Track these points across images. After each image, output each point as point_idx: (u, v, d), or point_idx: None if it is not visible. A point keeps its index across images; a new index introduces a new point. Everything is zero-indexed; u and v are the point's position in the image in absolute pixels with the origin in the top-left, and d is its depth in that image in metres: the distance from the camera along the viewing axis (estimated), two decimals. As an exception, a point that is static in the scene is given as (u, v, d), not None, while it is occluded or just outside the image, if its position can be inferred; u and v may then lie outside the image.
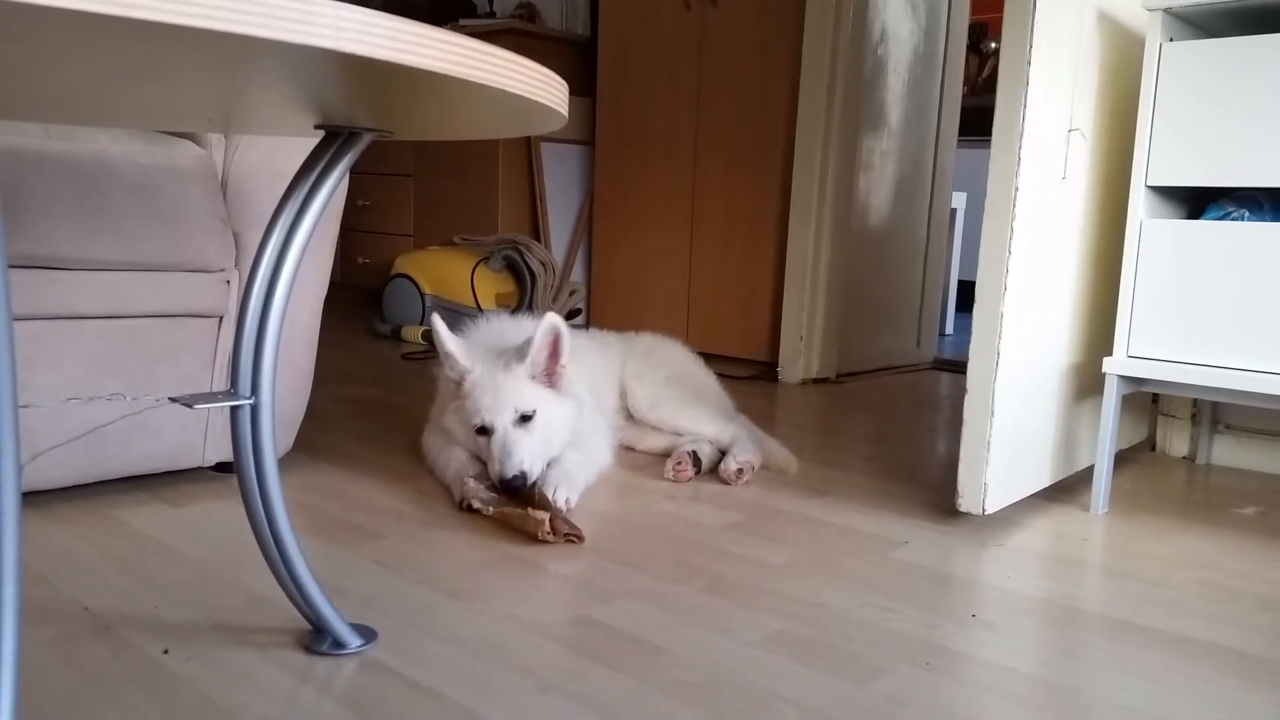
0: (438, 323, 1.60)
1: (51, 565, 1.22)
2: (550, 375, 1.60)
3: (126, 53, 0.62)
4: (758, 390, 2.73)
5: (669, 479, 1.73)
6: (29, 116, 1.16)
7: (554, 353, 1.60)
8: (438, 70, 0.66)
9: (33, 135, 1.31)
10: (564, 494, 1.50)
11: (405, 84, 0.72)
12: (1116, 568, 1.40)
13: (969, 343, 1.50)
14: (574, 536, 1.39)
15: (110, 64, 0.67)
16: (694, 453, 1.76)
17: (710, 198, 3.16)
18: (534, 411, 1.56)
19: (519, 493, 1.48)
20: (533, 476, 1.51)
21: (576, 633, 1.09)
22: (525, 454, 1.51)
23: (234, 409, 0.97)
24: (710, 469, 1.79)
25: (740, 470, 1.73)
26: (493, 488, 1.52)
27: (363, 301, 4.01)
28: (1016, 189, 1.45)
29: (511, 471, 1.49)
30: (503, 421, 1.54)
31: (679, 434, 1.86)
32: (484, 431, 1.56)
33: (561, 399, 1.61)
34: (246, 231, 1.51)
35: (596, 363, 1.87)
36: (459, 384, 1.60)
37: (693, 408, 1.87)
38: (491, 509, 1.46)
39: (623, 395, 1.92)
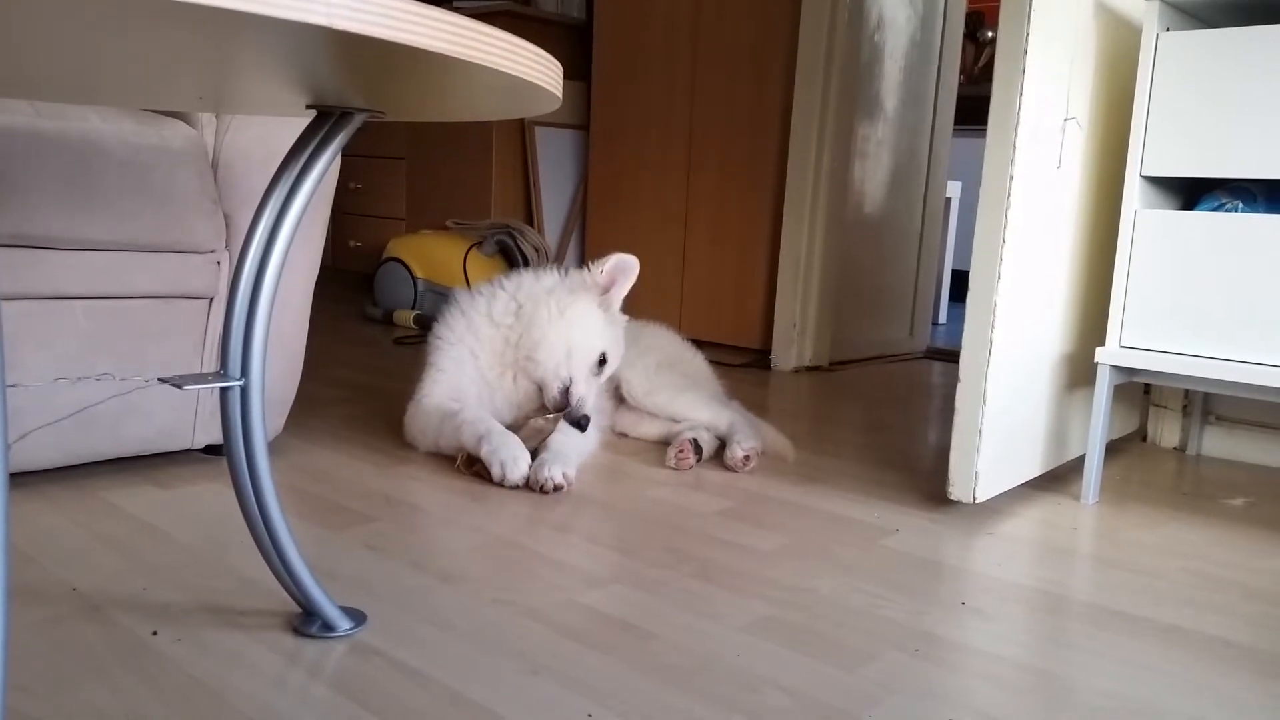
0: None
1: (40, 546, 1.21)
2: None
3: (116, 28, 0.61)
4: (751, 378, 2.73)
5: (671, 468, 1.73)
6: (17, 93, 1.15)
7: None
8: (431, 49, 0.65)
9: (21, 113, 1.30)
10: (559, 470, 1.53)
11: (398, 63, 0.71)
12: (1106, 557, 1.40)
13: (962, 332, 1.51)
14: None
15: (99, 40, 0.66)
16: (694, 440, 1.76)
17: (705, 184, 3.16)
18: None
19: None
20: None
21: (567, 617, 1.10)
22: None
23: (224, 391, 0.97)
24: (710, 456, 1.79)
25: (747, 457, 1.73)
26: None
27: (354, 285, 4.00)
28: (1011, 178, 1.44)
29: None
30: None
31: (675, 420, 1.86)
32: (601, 361, 1.72)
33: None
34: (237, 212, 1.50)
35: None
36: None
37: (688, 393, 1.87)
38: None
39: (613, 382, 1.91)
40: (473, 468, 1.59)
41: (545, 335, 1.68)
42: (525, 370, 1.72)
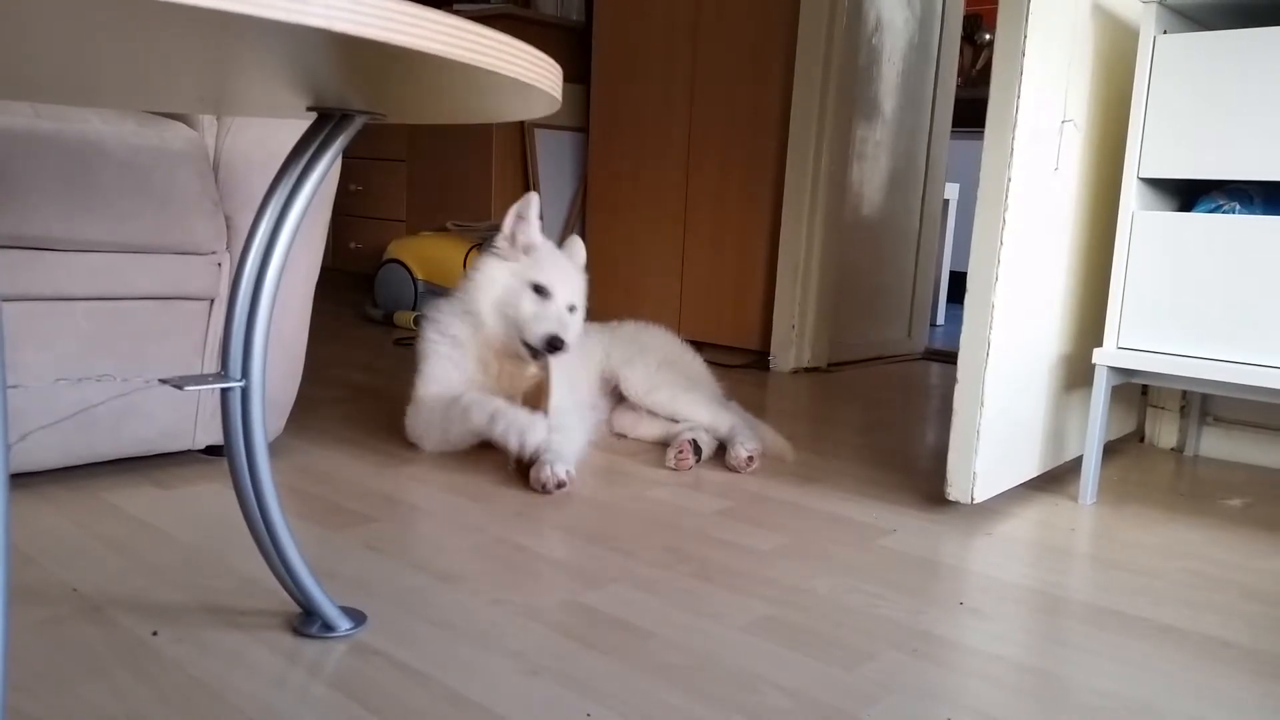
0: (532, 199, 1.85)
1: (41, 547, 1.21)
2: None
3: (117, 30, 0.62)
4: (750, 379, 2.73)
5: (670, 468, 1.73)
6: (17, 95, 1.15)
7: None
8: (430, 51, 0.65)
9: (21, 114, 1.30)
10: (561, 467, 1.55)
11: (397, 65, 0.71)
12: (1103, 557, 1.41)
13: (960, 333, 1.51)
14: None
15: (100, 42, 0.66)
16: (694, 440, 1.76)
17: (704, 186, 3.16)
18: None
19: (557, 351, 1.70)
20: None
21: (566, 617, 1.10)
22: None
23: (224, 392, 0.97)
24: (709, 457, 1.80)
25: (750, 458, 1.73)
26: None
27: (355, 286, 4.00)
28: (1009, 180, 1.45)
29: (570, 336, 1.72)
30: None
31: (674, 420, 1.86)
32: (539, 291, 1.74)
33: None
34: (238, 214, 1.51)
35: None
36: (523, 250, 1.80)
37: (688, 393, 1.87)
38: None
39: (610, 382, 1.92)
40: (520, 467, 1.62)
41: (485, 315, 1.76)
42: (509, 349, 1.77)
